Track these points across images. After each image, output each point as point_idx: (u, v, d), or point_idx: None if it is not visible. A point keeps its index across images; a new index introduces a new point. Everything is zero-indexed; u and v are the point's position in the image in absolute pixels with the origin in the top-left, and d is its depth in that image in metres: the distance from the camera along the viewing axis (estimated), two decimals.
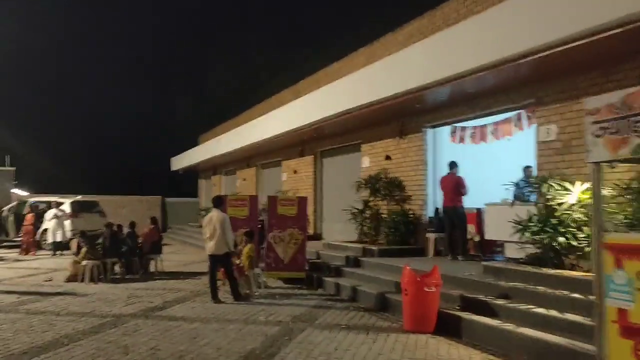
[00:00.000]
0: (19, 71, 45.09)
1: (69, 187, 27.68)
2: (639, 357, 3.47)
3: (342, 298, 8.80)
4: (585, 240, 6.18)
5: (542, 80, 7.96)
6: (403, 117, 11.29)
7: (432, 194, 10.79)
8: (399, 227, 10.63)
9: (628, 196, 5.71)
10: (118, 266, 11.66)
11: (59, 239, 16.25)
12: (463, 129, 10.38)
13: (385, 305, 7.72)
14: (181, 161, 27.73)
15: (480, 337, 5.91)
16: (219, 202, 9.14)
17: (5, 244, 18.89)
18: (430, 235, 10.14)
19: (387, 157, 11.94)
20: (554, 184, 6.62)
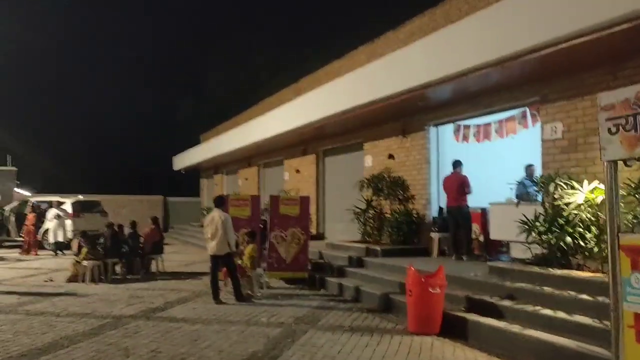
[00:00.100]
0: (19, 71, 45.09)
1: (70, 187, 27.69)
2: None
3: (345, 299, 8.71)
4: (593, 240, 6.09)
5: (547, 78, 7.84)
6: (405, 116, 11.19)
7: (436, 193, 10.69)
8: (402, 227, 10.54)
9: (638, 195, 5.60)
10: (119, 266, 11.60)
11: (60, 239, 16.21)
12: (466, 127, 10.27)
13: (389, 306, 7.63)
14: (183, 160, 27.67)
15: (486, 339, 5.81)
16: (220, 201, 9.05)
17: (7, 243, 18.88)
18: (434, 235, 10.04)
19: (390, 156, 11.84)
20: (561, 183, 6.51)
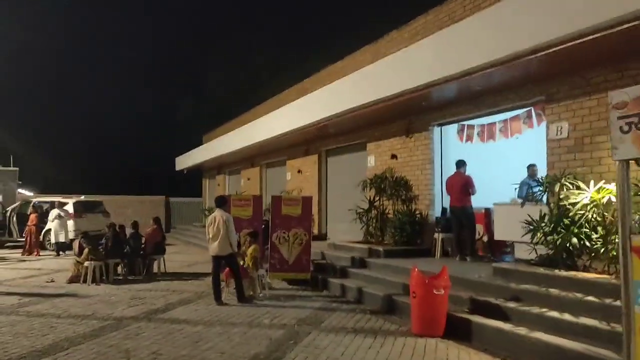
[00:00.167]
0: (19, 71, 45.17)
1: (72, 188, 27.70)
2: None
3: (347, 300, 8.64)
4: (599, 241, 6.01)
5: (553, 77, 7.75)
6: (409, 115, 11.11)
7: (439, 193, 10.60)
8: (405, 228, 10.46)
9: None
10: (121, 267, 11.55)
11: (61, 239, 16.16)
12: (470, 127, 10.20)
13: (392, 307, 7.55)
14: (186, 161, 27.64)
15: (490, 341, 5.74)
16: (221, 202, 8.98)
17: (9, 244, 18.86)
18: (438, 235, 9.96)
19: (393, 156, 11.75)
20: (567, 183, 6.42)
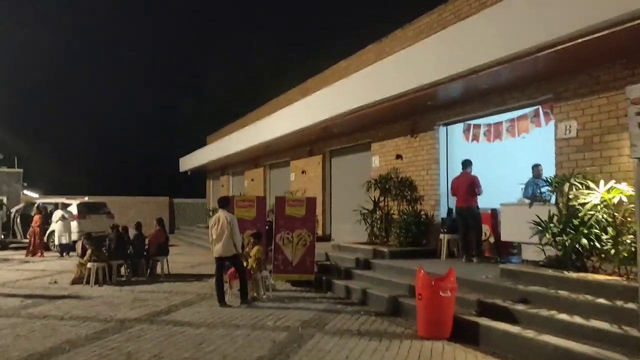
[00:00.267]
0: (19, 71, 45.26)
1: (76, 189, 27.67)
2: None
3: (352, 301, 8.53)
4: (609, 242, 5.88)
5: (561, 75, 7.63)
6: (414, 115, 11.00)
7: (445, 193, 10.49)
8: (410, 228, 10.35)
9: None
10: (124, 268, 11.49)
11: (65, 240, 16.14)
12: (477, 126, 10.08)
13: (397, 309, 7.44)
14: (191, 161, 27.61)
15: (498, 344, 5.62)
16: (224, 202, 8.88)
17: (13, 245, 18.86)
18: (444, 236, 9.84)
19: (398, 156, 11.64)
20: (576, 183, 6.30)
